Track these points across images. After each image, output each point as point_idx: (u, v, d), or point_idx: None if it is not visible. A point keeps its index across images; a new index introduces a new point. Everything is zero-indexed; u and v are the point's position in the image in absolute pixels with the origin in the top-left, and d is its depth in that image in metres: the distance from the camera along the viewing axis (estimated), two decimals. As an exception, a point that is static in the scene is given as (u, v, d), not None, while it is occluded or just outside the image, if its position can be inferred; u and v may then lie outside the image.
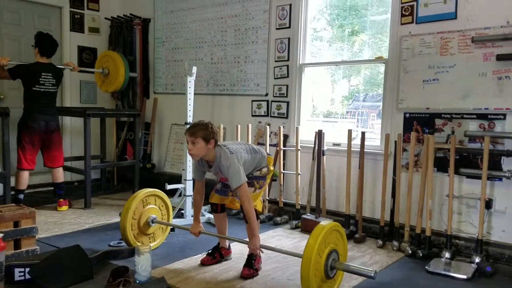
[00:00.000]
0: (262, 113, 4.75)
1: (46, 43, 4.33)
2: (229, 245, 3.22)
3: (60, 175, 4.57)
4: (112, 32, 5.96)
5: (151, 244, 3.27)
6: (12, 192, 4.26)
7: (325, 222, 2.56)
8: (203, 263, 3.07)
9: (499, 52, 3.26)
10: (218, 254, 3.13)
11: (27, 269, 2.02)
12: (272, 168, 3.15)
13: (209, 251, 3.15)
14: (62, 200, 4.49)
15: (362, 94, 4.67)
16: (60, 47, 5.56)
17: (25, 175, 4.31)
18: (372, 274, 2.39)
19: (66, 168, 5.22)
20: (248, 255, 2.97)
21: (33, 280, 2.02)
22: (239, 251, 3.32)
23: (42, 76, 4.28)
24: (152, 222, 3.33)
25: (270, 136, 4.52)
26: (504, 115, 3.29)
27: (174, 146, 5.62)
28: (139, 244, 3.10)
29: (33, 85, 4.25)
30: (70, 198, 4.69)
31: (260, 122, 4.77)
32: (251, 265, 2.91)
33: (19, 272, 2.02)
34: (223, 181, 3.02)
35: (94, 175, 5.53)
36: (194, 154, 2.83)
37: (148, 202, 3.37)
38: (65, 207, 4.47)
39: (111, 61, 5.13)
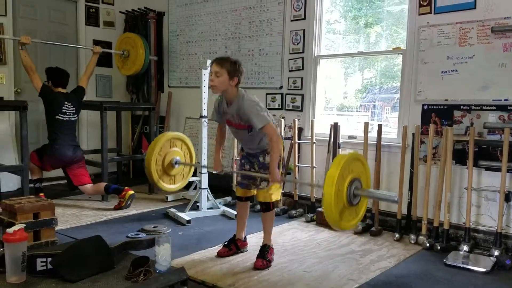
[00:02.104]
0: (277, 106, 4.73)
1: (56, 75, 4.39)
2: (245, 237, 3.22)
3: (100, 189, 4.43)
4: (127, 25, 5.97)
5: (171, 186, 3.50)
6: (31, 185, 4.31)
7: (342, 155, 2.52)
8: (220, 255, 3.08)
9: (520, 42, 3.20)
10: (234, 246, 3.14)
11: (49, 259, 2.04)
12: (284, 154, 3.02)
13: (225, 243, 3.16)
14: (124, 189, 4.37)
15: (377, 87, 4.63)
16: (76, 41, 5.61)
17: (36, 168, 4.36)
18: (396, 199, 2.41)
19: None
20: (261, 246, 2.97)
21: (55, 270, 2.05)
22: (255, 243, 3.33)
23: (64, 106, 4.32)
24: (176, 163, 3.44)
25: (284, 129, 4.50)
26: (525, 106, 3.23)
27: (188, 139, 5.63)
28: (161, 182, 3.39)
29: (56, 114, 4.28)
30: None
31: (274, 115, 4.74)
32: (265, 256, 2.90)
33: (41, 262, 2.05)
34: (236, 127, 2.91)
35: (111, 168, 5.57)
36: (215, 86, 2.76)
37: (175, 145, 3.49)
38: (130, 192, 4.34)
39: (131, 43, 5.10)
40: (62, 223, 3.71)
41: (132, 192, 4.35)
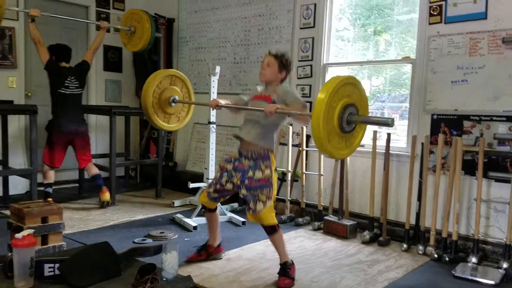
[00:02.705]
0: (285, 113, 4.72)
1: (58, 50, 4.48)
2: (219, 244, 3.17)
3: (93, 168, 4.62)
4: (137, 31, 6.01)
5: (163, 123, 3.59)
6: (41, 188, 4.33)
7: (335, 77, 2.49)
8: (190, 259, 3.07)
9: (531, 53, 3.18)
10: (204, 252, 3.11)
11: (57, 265, 2.05)
12: (275, 172, 2.93)
13: (198, 248, 3.14)
14: (104, 187, 4.54)
15: (385, 94, 4.62)
16: (87, 47, 5.63)
17: (52, 171, 4.41)
18: (389, 122, 2.42)
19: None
20: (281, 264, 2.85)
21: (63, 276, 2.05)
22: (261, 251, 3.33)
23: (67, 80, 4.40)
24: (174, 102, 3.54)
25: (292, 136, 4.50)
26: (536, 117, 3.21)
27: (196, 145, 5.65)
28: (154, 115, 3.48)
29: (59, 87, 4.37)
30: (94, 195, 4.75)
31: (283, 122, 4.74)
32: (287, 274, 2.80)
33: (49, 267, 2.05)
34: (261, 98, 2.91)
35: (118, 172, 5.59)
36: (265, 75, 2.90)
37: (175, 84, 3.59)
38: (107, 195, 4.52)
39: (137, 19, 4.99)
40: (69, 227, 3.73)
41: (106, 199, 4.50)
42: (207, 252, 3.12)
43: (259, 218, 2.81)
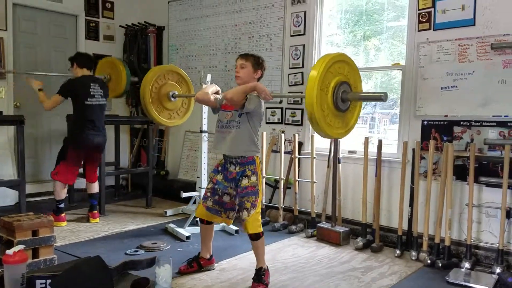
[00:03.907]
0: (276, 120, 4.73)
1: (81, 56, 4.30)
2: (211, 256, 3.15)
3: (96, 186, 4.48)
4: (127, 40, 5.99)
5: (163, 118, 3.76)
6: (30, 199, 4.27)
7: (326, 55, 2.50)
8: (180, 271, 3.04)
9: (519, 59, 3.22)
10: (196, 264, 3.09)
11: (49, 281, 2.02)
12: (261, 177, 2.94)
13: (189, 260, 3.12)
14: (96, 212, 4.37)
15: (375, 100, 4.63)
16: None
17: (64, 187, 4.24)
18: (382, 97, 2.47)
19: (80, 175, 5.26)
20: (256, 270, 2.87)
21: (54, 291, 2.02)
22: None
23: (91, 88, 4.15)
24: (173, 97, 3.65)
25: (284, 143, 4.50)
26: (525, 122, 3.24)
27: (188, 153, 5.62)
28: (154, 112, 3.61)
29: (85, 99, 4.10)
30: (86, 204, 4.69)
31: (274, 129, 4.75)
32: (261, 280, 2.82)
33: (40, 284, 2.02)
34: (230, 109, 2.88)
35: (109, 181, 5.55)
36: (240, 77, 2.89)
37: (173, 80, 3.78)
38: (97, 220, 4.33)
39: (112, 67, 4.99)
40: (60, 239, 3.68)
41: (63, 224, 4.18)
42: (198, 264, 3.09)
43: (244, 225, 2.84)
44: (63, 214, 4.21)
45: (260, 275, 2.83)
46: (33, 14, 5.21)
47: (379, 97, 2.49)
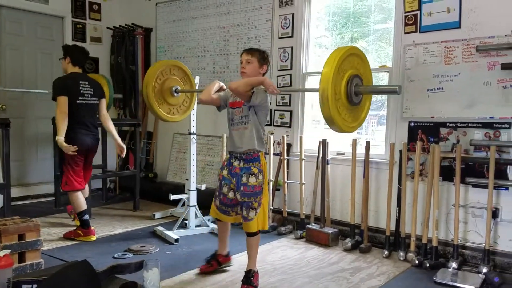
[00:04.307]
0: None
1: (77, 51, 3.97)
2: (228, 253, 3.19)
3: (87, 190, 4.20)
4: (114, 41, 5.97)
5: (165, 113, 3.73)
6: (16, 202, 4.18)
7: (339, 48, 2.46)
8: (201, 271, 3.07)
9: (503, 61, 3.26)
10: (215, 262, 3.12)
11: (35, 285, 1.99)
12: (267, 176, 2.97)
13: (207, 258, 3.15)
14: (93, 228, 3.98)
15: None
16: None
17: (80, 196, 3.89)
18: (396, 89, 2.44)
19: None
20: (245, 272, 2.88)
21: (40, 296, 1.99)
22: (245, 262, 3.27)
23: (81, 86, 3.86)
24: (176, 92, 3.68)
25: (273, 145, 4.50)
26: (510, 124, 3.28)
27: (176, 156, 5.60)
28: (156, 106, 3.62)
29: (76, 98, 3.81)
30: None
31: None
32: (250, 282, 2.82)
33: (26, 288, 2.00)
34: (239, 105, 2.88)
35: (96, 184, 5.51)
36: (246, 73, 2.87)
37: (175, 75, 3.77)
38: (92, 237, 3.89)
39: None
40: (47, 243, 3.64)
41: (93, 238, 3.86)
42: (217, 262, 3.12)
43: (249, 225, 2.86)
44: (92, 228, 3.90)
45: (249, 277, 2.84)
46: (18, 16, 5.16)
47: (394, 90, 2.47)
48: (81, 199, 3.88)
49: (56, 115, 3.72)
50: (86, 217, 3.87)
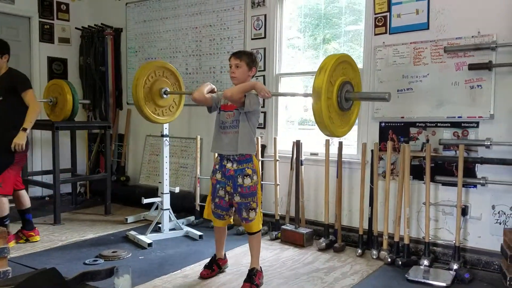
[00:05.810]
0: (239, 123, 4.70)
1: (7, 45, 3.77)
2: (224, 255, 3.21)
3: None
4: (83, 42, 5.84)
5: (154, 114, 3.71)
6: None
7: (331, 56, 2.50)
8: (202, 276, 3.04)
9: (470, 61, 3.34)
10: (216, 266, 3.12)
11: (0, 296, 1.92)
12: (260, 176, 3.01)
13: (207, 264, 3.13)
14: (36, 228, 3.91)
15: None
16: (29, 58, 5.42)
17: (6, 200, 3.63)
18: (386, 96, 2.47)
19: (35, 183, 5.05)
20: (249, 269, 2.90)
21: (6, 306, 1.92)
22: (230, 264, 3.28)
23: None
24: (165, 94, 3.65)
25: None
26: (477, 123, 3.37)
27: (149, 158, 5.52)
28: (145, 107, 3.60)
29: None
30: (42, 213, 4.52)
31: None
32: (252, 280, 2.83)
33: (-9, 298, 1.92)
34: (230, 109, 2.91)
35: (65, 189, 5.37)
36: (236, 78, 2.89)
37: (166, 77, 3.76)
38: (36, 237, 3.87)
39: (58, 90, 4.67)
40: (15, 250, 3.52)
41: (38, 239, 3.83)
42: (218, 265, 3.12)
43: (250, 226, 2.90)
44: (34, 232, 3.85)
45: (252, 276, 2.86)
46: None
47: (383, 97, 2.49)
48: (7, 203, 3.62)
49: (35, 111, 3.67)
50: (6, 221, 3.61)
